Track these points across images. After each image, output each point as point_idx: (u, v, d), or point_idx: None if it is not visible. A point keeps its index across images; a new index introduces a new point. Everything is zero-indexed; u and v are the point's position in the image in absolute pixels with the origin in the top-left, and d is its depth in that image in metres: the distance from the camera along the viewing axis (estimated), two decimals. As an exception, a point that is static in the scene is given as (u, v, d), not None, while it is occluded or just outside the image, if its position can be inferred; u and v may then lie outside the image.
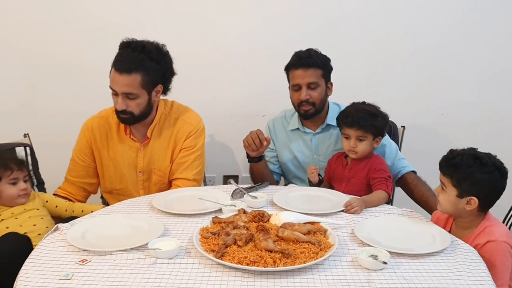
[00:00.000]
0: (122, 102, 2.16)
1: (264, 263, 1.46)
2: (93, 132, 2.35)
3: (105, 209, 2.03)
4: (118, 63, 2.15)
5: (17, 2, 2.93)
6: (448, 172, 1.76)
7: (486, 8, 3.06)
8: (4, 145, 2.36)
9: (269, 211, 1.87)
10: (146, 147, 2.35)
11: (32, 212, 2.08)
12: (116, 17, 2.98)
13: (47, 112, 3.10)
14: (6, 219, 2.02)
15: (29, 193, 2.11)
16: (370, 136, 2.22)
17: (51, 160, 2.53)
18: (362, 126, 2.19)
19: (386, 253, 1.53)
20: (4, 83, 3.06)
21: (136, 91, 2.16)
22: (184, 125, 2.36)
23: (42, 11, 2.96)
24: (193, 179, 2.37)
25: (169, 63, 2.27)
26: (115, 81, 2.15)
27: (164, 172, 2.39)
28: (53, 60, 3.03)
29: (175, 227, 1.81)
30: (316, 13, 3.03)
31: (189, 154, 2.37)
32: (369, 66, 3.14)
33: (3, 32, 2.98)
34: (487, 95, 3.18)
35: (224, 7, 3.02)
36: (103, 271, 1.47)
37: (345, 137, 2.26)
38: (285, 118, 2.59)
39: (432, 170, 1.92)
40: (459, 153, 1.77)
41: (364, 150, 2.23)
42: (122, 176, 2.38)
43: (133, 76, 2.13)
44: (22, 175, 2.08)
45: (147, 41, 2.22)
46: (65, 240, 1.66)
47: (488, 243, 1.67)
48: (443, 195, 1.79)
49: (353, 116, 2.21)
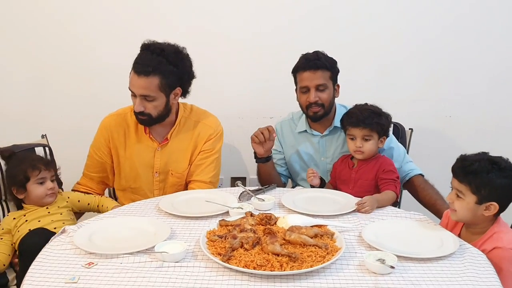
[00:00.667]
0: (140, 104, 2.20)
1: (271, 266, 1.46)
2: (111, 130, 2.37)
3: (112, 212, 2.04)
4: (136, 65, 2.18)
5: (33, 5, 2.96)
6: (466, 179, 1.72)
7: (495, 9, 3.03)
8: (24, 145, 2.39)
9: (276, 213, 1.87)
10: (164, 148, 2.37)
11: (56, 216, 2.14)
12: (130, 18, 3.00)
13: (62, 113, 3.12)
14: (30, 221, 2.08)
15: (57, 192, 2.18)
16: (376, 135, 2.22)
17: (67, 161, 2.54)
18: (367, 124, 2.19)
19: (393, 257, 1.52)
20: (19, 84, 3.08)
21: (153, 94, 2.18)
22: (204, 128, 2.40)
23: (58, 12, 2.98)
24: (209, 182, 2.40)
25: (188, 66, 2.28)
26: (133, 83, 2.19)
27: (182, 173, 2.40)
28: (67, 60, 3.05)
29: (182, 230, 1.81)
30: (323, 15, 3.03)
31: (207, 157, 2.40)
32: (376, 68, 3.13)
33: (17, 34, 3.00)
34: (495, 97, 3.16)
35: (232, 8, 3.02)
36: (109, 275, 1.47)
37: (350, 138, 2.26)
38: (293, 120, 2.59)
39: (440, 172, 1.91)
40: (475, 159, 1.73)
41: (370, 149, 2.23)
42: (137, 175, 2.40)
43: (150, 78, 2.15)
44: (49, 174, 2.14)
45: (167, 44, 2.24)
46: (71, 243, 1.66)
47: (495, 249, 1.66)
48: (460, 202, 1.75)
49: (358, 116, 2.22)
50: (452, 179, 1.79)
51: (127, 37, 2.98)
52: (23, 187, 2.11)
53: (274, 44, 3.05)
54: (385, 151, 2.40)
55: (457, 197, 1.76)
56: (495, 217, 1.76)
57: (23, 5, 2.96)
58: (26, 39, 3.01)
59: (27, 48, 3.03)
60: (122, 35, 3.00)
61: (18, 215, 2.11)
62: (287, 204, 2.03)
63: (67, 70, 3.06)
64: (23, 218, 2.09)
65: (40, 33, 3.00)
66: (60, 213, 2.17)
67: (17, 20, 2.98)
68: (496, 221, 1.76)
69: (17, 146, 2.36)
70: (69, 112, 3.12)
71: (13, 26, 2.99)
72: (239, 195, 2.14)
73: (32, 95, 3.10)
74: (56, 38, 3.01)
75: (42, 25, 2.99)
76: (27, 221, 2.09)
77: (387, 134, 2.28)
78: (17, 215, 2.11)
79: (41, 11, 2.97)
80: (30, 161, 2.13)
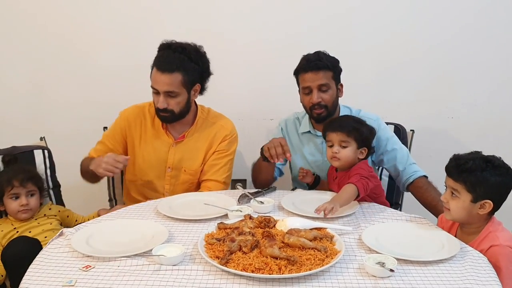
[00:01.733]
0: (163, 100, 2.25)
1: (269, 270, 1.45)
2: (129, 121, 2.43)
3: (109, 215, 2.02)
4: (160, 63, 2.24)
5: (33, 7, 2.96)
6: (461, 177, 1.73)
7: (497, 9, 3.02)
8: (23, 147, 2.40)
9: (276, 216, 1.86)
10: (179, 145, 2.41)
11: (46, 226, 2.18)
12: (129, 20, 3.00)
13: (60, 115, 3.13)
14: (21, 232, 2.12)
15: (33, 209, 2.19)
16: (353, 142, 2.17)
17: (65, 163, 2.54)
18: (344, 128, 2.17)
19: (393, 260, 1.50)
20: (18, 86, 3.09)
21: (177, 90, 2.24)
22: (221, 130, 2.45)
23: (57, 16, 2.98)
24: (223, 182, 2.44)
25: (207, 63, 2.36)
26: (158, 80, 2.23)
27: (195, 171, 2.44)
28: (66, 63, 3.05)
29: (180, 232, 1.80)
30: (324, 15, 3.02)
31: (222, 157, 2.44)
32: (378, 69, 3.11)
33: (16, 36, 3.01)
34: (497, 98, 3.14)
35: (232, 8, 3.02)
36: (106, 278, 1.46)
37: (329, 145, 2.23)
38: (298, 119, 2.57)
39: (442, 174, 1.88)
40: (469, 158, 1.74)
41: (347, 156, 2.17)
42: (150, 167, 2.43)
43: (174, 75, 2.22)
44: (24, 190, 2.15)
45: (186, 43, 2.31)
46: (69, 245, 1.65)
47: (492, 247, 1.65)
48: (456, 202, 1.75)
49: (337, 121, 2.23)
50: (446, 179, 1.80)
51: (126, 40, 2.99)
52: (0, 200, 2.15)
53: (274, 45, 3.05)
54: (389, 153, 2.39)
55: (452, 196, 1.76)
56: (489, 216, 1.76)
57: (22, 8, 2.96)
58: (25, 41, 3.01)
59: (26, 51, 3.04)
60: (121, 38, 3.00)
61: (6, 226, 2.14)
62: (286, 207, 2.02)
63: (66, 72, 3.07)
64: (14, 230, 2.12)
65: (38, 36, 3.01)
66: (50, 223, 2.21)
67: (16, 23, 2.99)
68: (490, 220, 1.76)
69: (17, 148, 2.38)
70: (68, 114, 3.12)
71: (12, 29, 3.00)
72: (238, 198, 2.13)
73: (31, 98, 3.10)
74: (55, 41, 3.02)
75: (41, 28, 3.00)
76: (18, 232, 2.12)
77: (368, 147, 2.22)
78: (4, 226, 2.14)
79: (40, 14, 2.98)
80: (8, 175, 2.16)
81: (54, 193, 2.46)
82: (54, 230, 2.16)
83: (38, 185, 2.22)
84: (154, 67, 2.26)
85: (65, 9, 2.98)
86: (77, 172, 2.42)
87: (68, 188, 2.55)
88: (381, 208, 2.10)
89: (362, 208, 2.07)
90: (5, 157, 2.28)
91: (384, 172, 2.69)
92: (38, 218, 2.20)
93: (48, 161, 2.43)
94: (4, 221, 2.18)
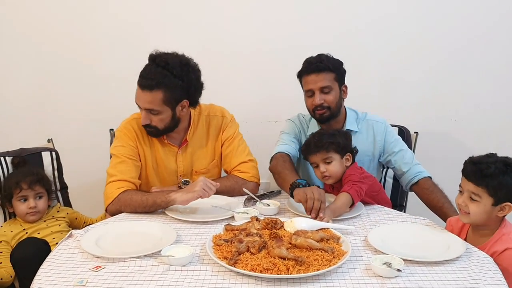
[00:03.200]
0: (145, 117, 2.17)
1: (277, 270, 1.46)
2: (136, 133, 2.30)
3: (118, 217, 2.04)
4: (141, 79, 2.14)
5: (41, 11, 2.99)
6: (484, 182, 1.71)
7: (500, 12, 3.03)
8: (31, 149, 2.42)
9: (281, 218, 1.87)
10: (185, 150, 2.36)
11: (54, 227, 2.21)
12: (135, 22, 3.03)
13: (67, 117, 3.15)
14: (30, 234, 2.15)
15: (41, 211, 2.21)
16: (335, 155, 2.18)
17: (72, 165, 2.56)
18: (321, 147, 2.17)
19: (400, 260, 1.52)
20: (26, 89, 3.12)
21: (158, 108, 2.15)
22: (214, 119, 2.40)
23: (64, 17, 3.02)
24: (248, 160, 2.38)
25: (194, 78, 2.21)
26: (138, 97, 2.16)
27: (207, 168, 2.40)
28: (73, 65, 3.08)
29: (188, 234, 1.81)
30: (328, 18, 3.04)
31: (231, 143, 2.40)
32: (382, 71, 3.13)
33: (23, 39, 3.04)
34: (500, 100, 3.15)
35: (235, 11, 3.04)
36: (116, 278, 1.48)
37: (314, 167, 2.24)
38: (305, 121, 2.56)
39: (446, 176, 1.90)
40: (490, 162, 1.72)
41: (336, 171, 2.18)
42: (163, 179, 2.37)
43: (154, 93, 2.12)
44: (32, 193, 2.17)
45: (174, 55, 2.18)
46: (79, 247, 1.67)
47: (507, 250, 1.66)
48: (476, 205, 1.74)
49: (311, 143, 2.21)
50: (463, 182, 1.77)
51: (133, 42, 3.01)
52: (9, 202, 2.18)
53: (278, 48, 3.07)
54: (396, 154, 2.41)
55: (471, 200, 1.75)
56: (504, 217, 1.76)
57: (29, 11, 2.99)
58: (33, 45, 3.04)
59: (33, 54, 3.06)
60: (128, 40, 3.03)
61: (15, 227, 2.16)
62: (292, 209, 2.04)
63: (73, 75, 3.09)
64: (23, 231, 2.15)
65: (46, 38, 3.03)
66: (59, 225, 2.23)
67: (24, 25, 3.02)
68: (502, 224, 1.76)
69: (25, 150, 2.40)
70: (75, 116, 3.14)
71: (20, 31, 3.02)
72: (244, 200, 2.15)
73: (39, 100, 3.13)
74: (62, 43, 3.04)
75: (48, 30, 3.02)
76: (27, 233, 2.15)
77: (350, 151, 2.22)
78: (14, 227, 2.16)
79: (48, 17, 3.01)
80: (17, 177, 2.18)
81: (62, 194, 2.48)
82: (62, 231, 2.19)
83: (46, 187, 2.24)
84: (137, 82, 2.16)
85: (73, 13, 3.01)
86: (84, 174, 2.44)
87: (74, 189, 2.56)
88: (386, 210, 2.11)
89: (367, 210, 2.08)
90: (14, 159, 2.31)
91: (388, 174, 2.71)
92: (46, 220, 2.23)
93: (56, 163, 2.45)
94: (13, 222, 2.21)
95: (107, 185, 2.15)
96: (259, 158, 2.46)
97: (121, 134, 2.29)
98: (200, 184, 2.00)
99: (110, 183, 2.14)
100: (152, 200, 2.04)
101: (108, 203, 2.10)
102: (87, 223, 2.34)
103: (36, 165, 2.37)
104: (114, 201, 2.08)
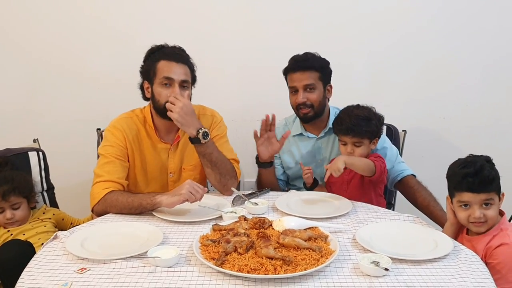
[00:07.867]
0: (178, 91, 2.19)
1: (264, 270, 1.45)
2: (125, 132, 2.26)
3: (104, 217, 2.02)
4: (173, 55, 2.22)
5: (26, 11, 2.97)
6: (492, 187, 1.74)
7: (490, 11, 3.04)
8: (17, 149, 2.39)
9: (270, 217, 1.86)
10: (177, 147, 2.35)
11: (40, 228, 2.18)
12: (124, 22, 3.02)
13: (52, 117, 3.12)
14: (15, 235, 2.12)
15: (21, 219, 2.17)
16: (366, 140, 2.23)
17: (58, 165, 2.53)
18: (357, 133, 2.20)
19: (388, 259, 1.51)
20: (11, 89, 3.09)
21: (190, 80, 2.25)
22: (204, 118, 2.39)
23: (51, 17, 2.99)
24: (232, 159, 2.36)
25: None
26: (174, 70, 2.19)
27: (195, 165, 2.38)
28: (60, 64, 3.05)
29: (174, 234, 1.80)
30: (317, 17, 3.03)
31: (217, 141, 2.36)
32: (370, 69, 3.13)
33: (10, 38, 3.01)
34: (489, 98, 3.16)
35: (225, 12, 3.03)
36: (102, 280, 1.46)
37: (342, 143, 2.28)
38: (287, 126, 2.59)
39: (434, 174, 1.90)
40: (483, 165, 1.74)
41: (361, 154, 2.24)
42: (152, 178, 2.36)
43: (187, 67, 2.24)
44: (7, 204, 2.11)
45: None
46: (64, 248, 1.65)
47: (502, 246, 1.67)
48: (492, 210, 1.74)
49: (347, 124, 2.22)
50: (468, 196, 1.75)
51: (119, 42, 2.99)
52: None
53: (267, 46, 3.06)
54: (379, 151, 2.41)
55: (487, 207, 1.74)
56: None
57: (14, 12, 2.96)
58: (18, 44, 3.01)
59: (19, 53, 3.03)
60: (114, 40, 3.01)
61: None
62: (281, 207, 2.03)
63: (59, 74, 3.07)
64: (8, 233, 2.12)
65: (33, 37, 3.01)
66: (44, 225, 2.20)
67: (10, 24, 2.99)
68: (501, 220, 1.77)
69: (10, 150, 2.36)
70: (61, 116, 3.11)
71: (6, 30, 2.99)
72: (233, 199, 2.14)
73: (25, 99, 3.10)
74: (49, 42, 3.02)
75: (34, 30, 3.00)
76: (12, 234, 2.12)
77: (379, 136, 2.29)
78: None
79: (32, 17, 2.98)
80: None
81: (48, 195, 2.46)
82: (48, 232, 2.16)
83: (25, 195, 2.17)
84: (163, 59, 2.20)
85: (58, 12, 2.98)
86: (71, 174, 2.41)
87: (61, 190, 2.53)
88: (374, 208, 2.11)
89: (355, 208, 2.08)
90: None
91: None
92: (32, 222, 2.20)
93: (43, 163, 2.42)
94: None
95: (94, 185, 2.13)
96: (247, 156, 2.46)
97: (109, 134, 2.25)
98: (186, 187, 1.98)
99: (97, 183, 2.12)
100: (138, 202, 2.02)
101: (94, 203, 2.08)
102: (74, 224, 2.31)
103: (22, 165, 2.33)
104: (100, 201, 2.06)
